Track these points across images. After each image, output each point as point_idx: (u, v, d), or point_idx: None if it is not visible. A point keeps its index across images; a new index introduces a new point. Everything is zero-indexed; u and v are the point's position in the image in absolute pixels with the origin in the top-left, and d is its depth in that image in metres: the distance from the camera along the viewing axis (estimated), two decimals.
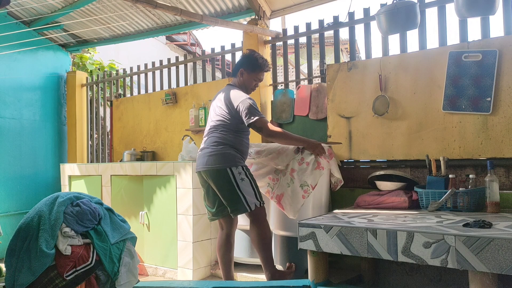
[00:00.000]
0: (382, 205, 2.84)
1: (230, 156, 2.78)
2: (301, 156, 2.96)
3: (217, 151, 2.79)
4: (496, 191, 2.52)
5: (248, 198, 2.75)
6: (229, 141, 2.81)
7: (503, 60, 2.69)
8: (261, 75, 2.99)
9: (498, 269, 1.83)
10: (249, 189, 2.77)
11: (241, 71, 2.96)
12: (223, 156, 2.77)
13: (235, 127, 2.84)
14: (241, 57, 3.05)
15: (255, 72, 2.96)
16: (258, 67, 2.96)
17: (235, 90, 2.90)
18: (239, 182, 2.74)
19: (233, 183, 2.74)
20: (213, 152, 2.80)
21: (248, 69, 2.95)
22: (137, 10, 4.40)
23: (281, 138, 2.89)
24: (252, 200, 2.76)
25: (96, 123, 5.43)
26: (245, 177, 2.77)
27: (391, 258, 2.12)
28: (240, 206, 2.76)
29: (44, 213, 2.14)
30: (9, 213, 4.65)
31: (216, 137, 2.83)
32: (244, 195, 2.74)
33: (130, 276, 2.27)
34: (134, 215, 3.79)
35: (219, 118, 2.87)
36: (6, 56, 4.66)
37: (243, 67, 2.95)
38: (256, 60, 2.95)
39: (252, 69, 2.95)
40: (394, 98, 3.08)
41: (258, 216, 2.79)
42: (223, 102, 2.88)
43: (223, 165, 2.76)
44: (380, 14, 3.00)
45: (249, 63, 2.95)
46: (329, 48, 4.54)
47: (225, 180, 2.75)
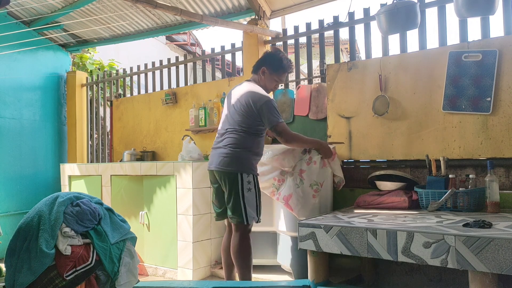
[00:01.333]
0: (382, 205, 2.84)
1: (245, 161, 2.70)
2: (309, 156, 2.96)
3: (232, 154, 2.69)
4: (496, 191, 2.52)
5: (249, 211, 2.68)
6: (247, 144, 2.71)
7: (503, 60, 2.69)
8: (283, 77, 2.87)
9: (498, 269, 1.83)
10: (253, 202, 2.70)
11: (263, 70, 2.81)
12: (238, 160, 2.68)
13: (255, 128, 2.73)
14: (264, 54, 2.92)
15: (277, 72, 2.83)
16: (282, 68, 2.83)
17: (257, 88, 2.76)
18: (245, 191, 2.67)
19: (239, 191, 2.66)
20: (229, 153, 2.70)
21: (271, 68, 2.81)
22: (137, 10, 4.40)
23: (299, 142, 2.86)
24: (252, 215, 2.69)
25: (96, 123, 5.43)
26: (252, 188, 2.70)
27: (391, 258, 2.12)
28: (238, 216, 2.69)
29: (44, 213, 2.13)
30: (9, 213, 4.65)
31: (234, 138, 2.71)
32: (245, 207, 2.67)
33: (130, 276, 2.27)
34: (134, 215, 3.79)
35: (238, 118, 2.73)
36: (6, 56, 4.66)
37: (266, 66, 2.81)
38: (281, 61, 2.82)
39: (275, 69, 2.81)
40: (394, 98, 3.08)
41: (246, 231, 2.71)
42: (243, 100, 2.73)
43: (236, 169, 2.67)
44: (380, 14, 3.00)
45: (273, 62, 2.82)
46: (329, 48, 4.54)
47: (234, 185, 2.68)
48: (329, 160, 3.01)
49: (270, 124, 2.69)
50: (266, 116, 2.68)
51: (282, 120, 2.74)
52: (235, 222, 2.71)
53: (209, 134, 4.23)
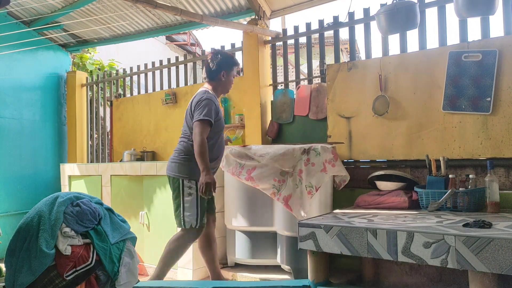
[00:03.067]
0: (382, 205, 2.84)
1: (187, 168, 2.81)
2: (307, 157, 2.96)
3: (177, 159, 2.87)
4: (496, 191, 2.52)
5: (187, 215, 2.78)
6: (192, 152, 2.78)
7: (503, 60, 2.69)
8: (236, 69, 3.05)
9: (498, 269, 1.83)
10: (192, 207, 2.79)
11: (223, 74, 2.95)
12: (181, 166, 2.83)
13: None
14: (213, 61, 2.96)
15: (232, 69, 3.00)
16: (234, 63, 3.02)
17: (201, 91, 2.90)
18: (185, 196, 2.79)
19: (180, 196, 2.80)
20: (174, 160, 2.88)
21: (228, 69, 2.97)
22: (137, 10, 4.40)
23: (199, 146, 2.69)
24: (191, 219, 2.78)
25: (96, 123, 5.43)
26: (193, 193, 2.79)
27: (391, 258, 2.12)
28: (178, 219, 2.83)
29: (44, 213, 2.14)
30: (9, 213, 4.65)
31: (181, 146, 2.90)
32: (183, 211, 2.78)
33: (130, 276, 2.27)
34: (134, 215, 3.79)
35: (186, 125, 2.93)
36: (6, 56, 4.66)
37: (224, 69, 2.96)
38: (230, 58, 3.02)
39: (230, 67, 2.99)
40: (394, 98, 3.08)
41: (187, 235, 2.82)
42: (191, 107, 2.88)
43: (177, 175, 2.82)
44: (380, 14, 3.00)
45: (228, 63, 2.98)
46: (329, 48, 4.53)
47: (175, 189, 2.83)
48: (332, 164, 3.00)
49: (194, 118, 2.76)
50: (196, 111, 2.77)
51: (206, 118, 2.72)
52: (177, 225, 2.87)
53: None
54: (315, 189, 2.92)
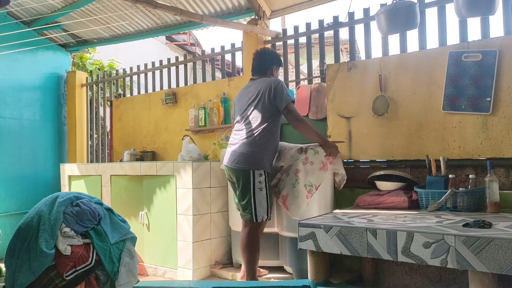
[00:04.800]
0: (382, 205, 2.84)
1: (257, 158, 2.81)
2: (305, 156, 2.96)
3: (247, 150, 2.82)
4: (496, 191, 2.52)
5: (259, 209, 2.80)
6: (264, 141, 2.83)
7: (503, 60, 2.69)
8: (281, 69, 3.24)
9: (498, 269, 1.83)
10: (263, 200, 2.81)
11: (274, 69, 3.07)
12: (250, 158, 2.81)
13: (270, 117, 2.86)
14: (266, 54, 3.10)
15: (280, 67, 3.15)
16: (281, 62, 3.19)
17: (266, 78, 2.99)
18: (256, 191, 2.79)
19: (251, 190, 2.79)
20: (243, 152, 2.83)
21: (278, 65, 3.10)
22: (137, 10, 4.40)
23: (306, 127, 2.90)
24: (262, 213, 2.81)
25: (96, 123, 5.43)
26: (263, 187, 2.81)
27: (391, 258, 2.12)
28: (248, 213, 2.83)
29: (44, 213, 2.13)
30: (9, 213, 4.65)
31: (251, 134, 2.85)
32: (255, 206, 2.80)
33: (130, 276, 2.27)
34: (134, 215, 3.79)
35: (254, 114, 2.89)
36: (6, 56, 4.66)
37: (275, 64, 3.07)
38: (279, 56, 3.17)
39: (280, 64, 3.14)
40: (394, 98, 3.08)
41: (256, 228, 2.86)
42: (257, 93, 2.90)
43: (247, 167, 2.80)
44: (380, 14, 3.00)
45: (277, 60, 3.11)
46: (329, 48, 4.53)
47: (245, 182, 2.81)
48: (330, 161, 3.01)
49: (283, 103, 2.82)
50: (280, 95, 2.83)
51: (293, 99, 2.89)
52: (245, 219, 2.87)
53: (209, 134, 4.23)
54: (315, 188, 2.92)
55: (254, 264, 2.85)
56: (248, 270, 2.86)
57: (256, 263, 2.87)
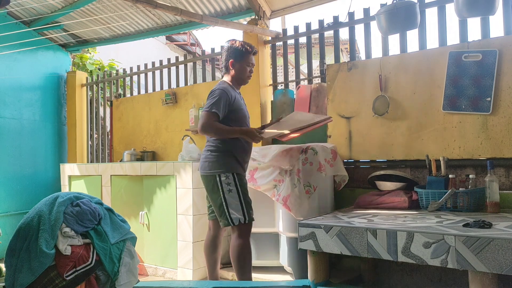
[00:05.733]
0: (382, 205, 2.84)
1: (221, 161, 2.68)
2: (305, 156, 2.96)
3: (210, 157, 2.72)
4: (496, 191, 2.52)
5: (232, 212, 2.64)
6: (223, 145, 2.70)
7: (503, 60, 2.69)
8: (252, 59, 2.86)
9: (498, 269, 1.83)
10: (236, 202, 2.65)
11: (231, 63, 2.82)
12: (214, 162, 2.69)
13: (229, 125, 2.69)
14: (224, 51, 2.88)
15: (244, 58, 2.82)
16: (246, 52, 2.83)
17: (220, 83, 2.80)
18: (225, 193, 2.64)
19: (220, 194, 2.65)
20: (206, 157, 2.73)
21: (237, 58, 2.81)
22: (137, 10, 4.40)
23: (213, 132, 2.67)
24: (237, 215, 2.64)
25: (96, 123, 5.43)
26: (233, 188, 2.66)
27: (391, 258, 2.12)
28: (224, 219, 2.68)
29: (44, 213, 2.13)
30: (9, 213, 4.65)
31: (210, 142, 2.76)
32: (228, 209, 2.65)
33: (130, 276, 2.27)
34: (134, 215, 3.79)
35: None
36: (6, 56, 4.66)
37: (232, 58, 2.82)
38: (242, 47, 2.83)
39: (240, 56, 2.82)
40: (394, 98, 3.08)
41: (240, 231, 2.67)
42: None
43: (213, 171, 2.68)
44: (380, 14, 3.00)
45: (236, 52, 2.82)
46: (329, 48, 4.53)
47: (213, 188, 2.68)
48: (330, 164, 3.00)
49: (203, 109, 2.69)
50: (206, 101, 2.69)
51: (213, 110, 2.62)
52: (224, 226, 2.73)
53: None
54: (313, 189, 2.91)
55: (247, 273, 2.69)
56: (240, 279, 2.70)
57: (248, 270, 2.68)
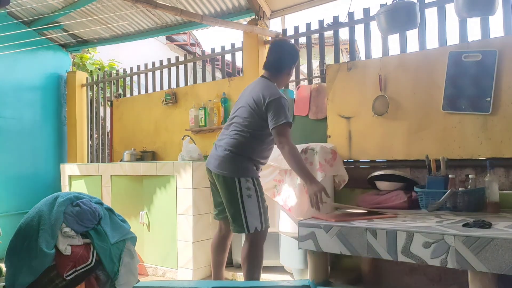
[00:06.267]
0: (382, 205, 2.84)
1: (243, 165, 2.53)
2: (305, 156, 2.96)
3: (230, 157, 2.53)
4: (495, 191, 2.52)
5: (250, 218, 2.50)
6: (248, 148, 2.54)
7: (503, 60, 2.69)
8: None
9: (498, 269, 1.83)
10: (254, 208, 2.51)
11: (289, 70, 2.70)
12: (235, 164, 2.52)
13: (260, 128, 2.55)
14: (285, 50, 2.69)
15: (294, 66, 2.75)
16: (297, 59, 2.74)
17: (271, 85, 2.62)
18: (244, 198, 2.49)
19: (238, 198, 2.49)
20: (226, 156, 2.54)
21: (293, 65, 2.71)
22: (137, 10, 4.40)
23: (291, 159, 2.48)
24: (254, 222, 2.50)
25: (96, 123, 5.43)
26: (253, 194, 2.51)
27: (391, 258, 2.12)
28: (238, 225, 2.53)
29: (44, 213, 2.13)
30: (9, 213, 4.65)
31: (235, 140, 2.56)
32: (245, 215, 2.50)
33: (130, 276, 2.27)
34: (134, 215, 3.79)
35: (245, 117, 2.57)
36: (6, 56, 4.66)
37: (293, 63, 2.70)
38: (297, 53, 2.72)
39: (294, 63, 2.72)
40: (394, 98, 3.08)
41: (255, 239, 2.54)
42: (253, 97, 2.57)
43: (232, 173, 2.50)
44: (380, 14, 3.00)
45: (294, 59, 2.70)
46: (329, 48, 4.53)
47: (231, 190, 2.51)
48: (330, 164, 3.00)
49: (273, 122, 2.47)
50: (272, 112, 2.47)
51: (289, 121, 2.49)
52: (238, 232, 2.57)
53: (209, 134, 4.23)
54: None
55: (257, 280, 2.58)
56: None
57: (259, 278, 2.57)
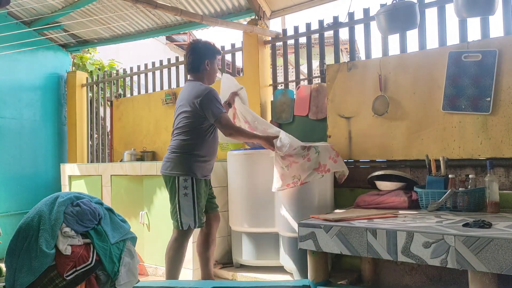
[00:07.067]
0: (382, 205, 2.84)
1: (185, 165, 2.70)
2: (307, 152, 2.91)
3: (172, 158, 2.74)
4: (495, 191, 2.52)
5: (183, 215, 2.68)
6: (188, 148, 2.71)
7: (503, 60, 2.70)
8: (220, 58, 2.96)
9: (498, 269, 1.83)
10: (188, 206, 2.68)
11: (206, 63, 2.85)
12: (176, 163, 2.71)
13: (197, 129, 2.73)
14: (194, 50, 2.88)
15: (215, 57, 2.91)
16: (217, 51, 2.93)
17: (197, 85, 2.80)
18: (181, 196, 2.67)
19: (176, 194, 2.68)
20: (169, 158, 2.75)
21: (211, 58, 2.88)
22: (137, 10, 4.40)
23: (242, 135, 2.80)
24: (186, 220, 2.68)
25: (96, 123, 5.43)
26: (189, 192, 2.68)
27: (391, 258, 2.13)
28: (174, 220, 2.73)
29: (44, 213, 2.14)
30: (9, 213, 4.65)
31: (174, 142, 2.77)
32: (179, 212, 2.68)
33: (130, 276, 2.27)
34: (134, 215, 3.79)
35: (182, 121, 2.77)
36: (6, 56, 4.66)
37: (208, 58, 2.86)
38: (214, 47, 2.91)
39: (213, 56, 2.89)
40: (394, 98, 3.08)
41: (181, 235, 2.73)
42: (185, 101, 2.77)
43: (173, 172, 2.70)
44: (379, 14, 3.00)
45: (210, 52, 2.88)
46: (329, 48, 4.53)
47: (170, 187, 2.72)
48: (334, 160, 2.98)
49: (214, 117, 2.68)
50: (207, 109, 2.68)
51: (224, 111, 2.74)
52: (174, 226, 2.76)
53: None
54: (300, 182, 2.86)
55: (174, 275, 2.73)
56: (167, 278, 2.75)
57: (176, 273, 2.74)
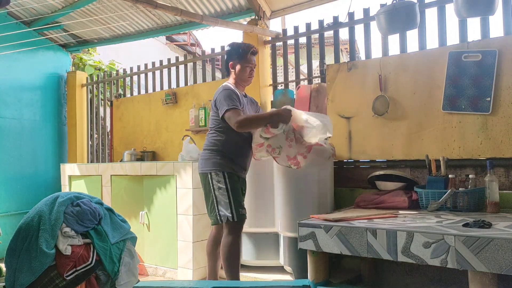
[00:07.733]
0: (382, 205, 2.84)
1: (214, 160, 2.74)
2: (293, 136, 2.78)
3: (203, 155, 2.81)
4: (495, 191, 2.52)
5: (220, 209, 2.70)
6: (216, 145, 2.77)
7: (503, 60, 2.70)
8: (252, 59, 2.87)
9: (498, 269, 1.83)
10: (224, 199, 2.69)
11: (231, 65, 2.87)
12: (207, 160, 2.77)
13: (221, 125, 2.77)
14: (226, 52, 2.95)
15: (244, 58, 2.85)
16: (245, 52, 2.86)
17: (221, 85, 2.84)
18: (216, 190, 2.71)
19: (211, 190, 2.73)
20: (202, 155, 2.83)
21: (237, 59, 2.85)
22: (137, 10, 4.40)
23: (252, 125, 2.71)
24: (224, 213, 2.68)
25: (96, 123, 5.43)
26: (222, 186, 2.70)
27: (391, 258, 2.13)
28: (212, 217, 2.78)
29: (44, 213, 2.14)
30: (9, 213, 4.65)
31: (206, 141, 2.85)
32: (217, 206, 2.71)
33: (130, 276, 2.27)
34: (134, 215, 3.80)
35: (210, 119, 2.88)
36: (6, 56, 4.66)
37: (231, 60, 2.87)
38: (239, 47, 2.88)
39: (240, 57, 2.85)
40: (394, 98, 3.08)
41: (229, 230, 2.70)
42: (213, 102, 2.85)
43: (205, 169, 2.77)
44: (379, 14, 3.00)
45: (235, 53, 2.86)
46: (329, 48, 4.53)
47: (205, 185, 2.78)
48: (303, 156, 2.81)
49: (221, 115, 2.70)
50: (219, 107, 2.72)
51: (232, 106, 2.65)
52: (213, 224, 2.82)
53: None
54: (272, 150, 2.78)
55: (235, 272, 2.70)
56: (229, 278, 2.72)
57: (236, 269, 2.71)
